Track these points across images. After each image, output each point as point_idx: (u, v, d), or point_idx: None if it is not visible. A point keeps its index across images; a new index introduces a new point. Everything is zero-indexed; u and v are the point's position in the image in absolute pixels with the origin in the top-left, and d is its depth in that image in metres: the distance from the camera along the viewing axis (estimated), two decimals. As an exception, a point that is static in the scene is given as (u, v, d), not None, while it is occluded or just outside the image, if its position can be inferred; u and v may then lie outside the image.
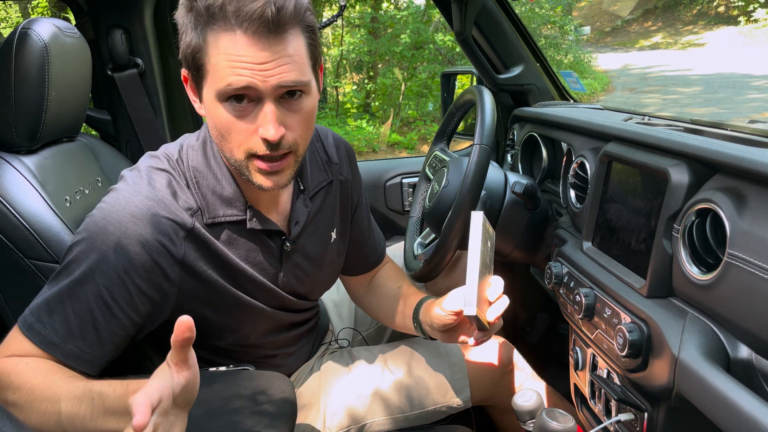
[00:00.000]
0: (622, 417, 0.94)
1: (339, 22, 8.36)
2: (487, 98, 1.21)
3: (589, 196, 1.09)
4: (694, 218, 0.80)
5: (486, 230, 0.96)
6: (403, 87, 8.08)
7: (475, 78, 1.92)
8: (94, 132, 1.76)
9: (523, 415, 0.95)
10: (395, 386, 1.20)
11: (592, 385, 1.05)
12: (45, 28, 1.12)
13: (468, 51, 1.71)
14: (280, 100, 0.85)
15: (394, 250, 1.56)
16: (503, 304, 0.96)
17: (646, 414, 0.89)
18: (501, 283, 0.97)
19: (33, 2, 7.12)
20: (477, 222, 0.93)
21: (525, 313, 1.91)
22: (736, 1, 14.84)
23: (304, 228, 1.07)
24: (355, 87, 9.03)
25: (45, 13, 7.07)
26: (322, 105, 8.47)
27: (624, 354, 0.84)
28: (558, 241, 1.20)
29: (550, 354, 1.82)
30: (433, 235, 1.41)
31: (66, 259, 0.90)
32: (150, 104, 1.69)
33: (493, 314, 0.95)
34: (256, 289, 1.03)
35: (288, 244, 1.05)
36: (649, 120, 1.22)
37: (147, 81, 1.68)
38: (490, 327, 0.96)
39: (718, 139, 0.89)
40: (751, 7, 14.13)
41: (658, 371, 0.81)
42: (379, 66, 8.55)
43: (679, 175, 0.84)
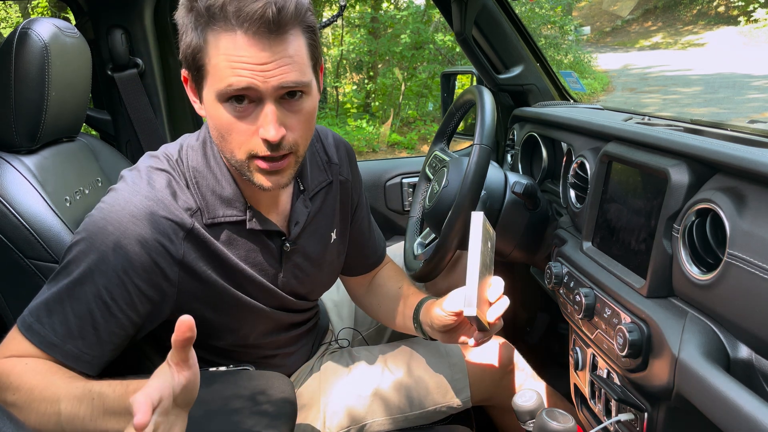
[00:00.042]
0: (622, 417, 0.94)
1: (339, 22, 8.36)
2: (487, 98, 1.21)
3: (589, 196, 1.09)
4: (694, 218, 0.80)
5: (486, 230, 0.96)
6: (403, 87, 8.08)
7: (475, 78, 1.92)
8: (94, 132, 1.76)
9: (523, 415, 0.95)
10: (395, 386, 1.20)
11: (592, 385, 1.05)
12: (45, 28, 1.12)
13: (468, 51, 1.71)
14: (281, 100, 0.85)
15: (394, 250, 1.56)
16: (503, 304, 0.96)
17: (646, 414, 0.89)
18: (501, 283, 0.97)
19: (33, 2, 7.12)
20: (477, 222, 0.93)
21: (525, 313, 1.91)
22: (736, 1, 14.83)
23: (303, 228, 1.07)
24: (355, 87, 9.03)
25: (45, 13, 7.07)
26: (322, 105, 8.46)
27: (624, 354, 0.84)
28: (558, 241, 1.20)
29: (550, 354, 1.82)
30: (433, 235, 1.40)
31: (65, 260, 0.90)
32: (150, 104, 1.69)
33: (494, 315, 0.95)
34: (255, 289, 1.03)
35: (288, 244, 1.05)
36: (649, 120, 1.22)
37: (147, 81, 1.68)
38: (490, 327, 0.96)
39: (718, 139, 0.89)
40: (751, 7, 14.13)
41: (658, 371, 0.81)
42: (379, 66, 8.55)
43: (679, 175, 0.84)
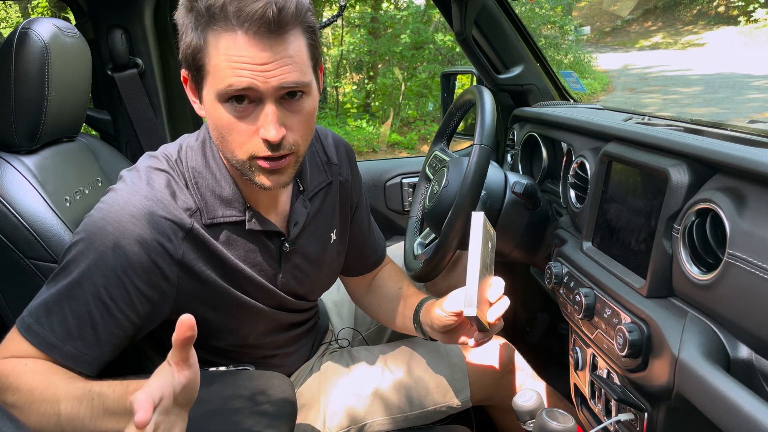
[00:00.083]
0: (622, 417, 0.94)
1: (339, 22, 8.36)
2: (487, 98, 1.21)
3: (589, 196, 1.09)
4: (694, 218, 0.80)
5: (486, 231, 0.96)
6: (403, 87, 8.08)
7: (475, 78, 1.92)
8: (94, 132, 1.76)
9: (523, 415, 0.95)
10: (395, 386, 1.20)
11: (592, 385, 1.05)
12: (45, 28, 1.12)
13: (468, 51, 1.71)
14: (281, 100, 0.85)
15: (394, 250, 1.56)
16: (504, 305, 0.96)
17: (646, 414, 0.89)
18: (502, 284, 0.97)
19: (33, 2, 7.12)
20: (477, 222, 0.93)
21: (525, 313, 1.91)
22: (736, 1, 14.83)
23: (303, 229, 1.07)
24: (355, 87, 9.03)
25: (45, 13, 7.07)
26: (322, 105, 8.46)
27: (624, 354, 0.84)
28: (558, 241, 1.20)
29: (550, 354, 1.82)
30: (433, 235, 1.40)
31: (64, 260, 0.89)
32: (150, 104, 1.69)
33: (494, 315, 0.95)
34: (254, 289, 1.03)
35: (287, 245, 1.05)
36: (649, 120, 1.22)
37: (147, 81, 1.68)
38: (490, 328, 0.96)
39: (718, 139, 0.89)
40: (751, 7, 14.13)
41: (658, 371, 0.80)
42: (379, 66, 8.55)
43: (679, 175, 0.84)
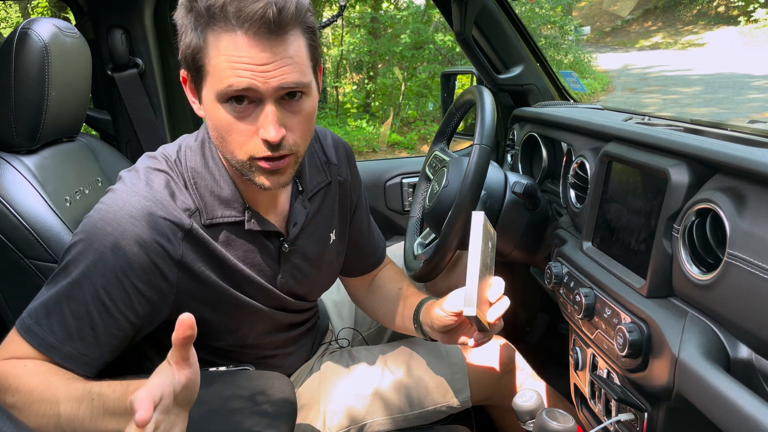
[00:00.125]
0: (622, 417, 0.94)
1: (339, 22, 8.36)
2: (487, 98, 1.21)
3: (589, 196, 1.09)
4: (694, 218, 0.80)
5: (487, 230, 0.96)
6: (403, 87, 8.07)
7: (475, 78, 1.92)
8: (94, 132, 1.76)
9: (523, 415, 0.95)
10: (395, 386, 1.20)
11: (592, 385, 1.05)
12: (45, 28, 1.12)
13: (468, 51, 1.71)
14: (281, 101, 0.85)
15: (394, 250, 1.56)
16: (504, 305, 0.96)
17: (646, 414, 0.89)
18: (502, 284, 0.97)
19: (33, 2, 7.12)
20: (478, 222, 0.93)
21: (525, 313, 1.91)
22: (736, 1, 14.83)
23: (302, 229, 1.07)
24: (355, 87, 9.03)
25: (45, 13, 7.07)
26: (322, 105, 8.46)
27: (624, 354, 0.84)
28: (558, 241, 1.20)
29: (550, 354, 1.82)
30: (433, 235, 1.40)
31: (64, 261, 0.89)
32: (150, 104, 1.69)
33: (494, 315, 0.95)
34: (254, 289, 1.03)
35: (286, 245, 1.05)
36: (649, 120, 1.22)
37: (147, 81, 1.68)
38: (490, 328, 0.95)
39: (718, 139, 0.89)
40: (751, 7, 14.13)
41: (658, 371, 0.80)
42: (379, 66, 8.55)
43: (679, 175, 0.84)
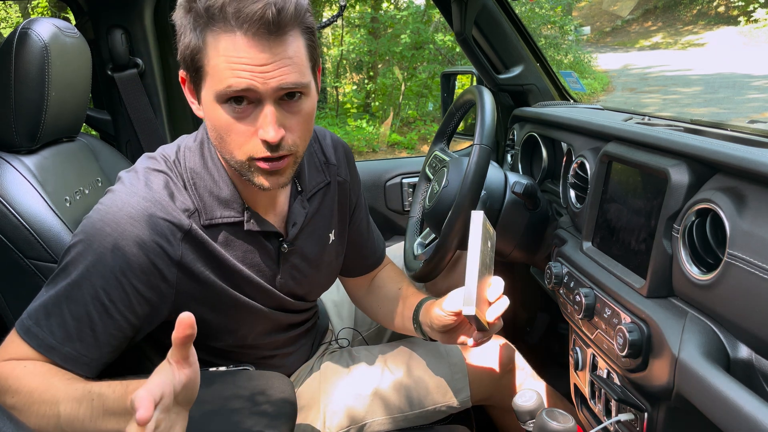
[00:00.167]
0: (622, 417, 0.94)
1: (339, 22, 8.36)
2: (487, 98, 1.21)
3: (589, 196, 1.09)
4: (694, 218, 0.80)
5: (486, 230, 0.96)
6: (403, 87, 8.07)
7: (475, 78, 1.92)
8: (94, 132, 1.76)
9: (523, 415, 0.95)
10: (395, 386, 1.20)
11: (592, 385, 1.05)
12: (45, 28, 1.12)
13: (468, 51, 1.71)
14: (280, 101, 0.85)
15: (394, 250, 1.56)
16: (503, 304, 0.96)
17: (646, 414, 0.89)
18: (501, 283, 0.97)
19: (33, 2, 7.12)
20: (477, 221, 0.93)
21: (525, 313, 1.91)
22: (736, 1, 14.83)
23: (301, 229, 1.07)
24: (355, 87, 9.03)
25: (45, 13, 7.07)
26: (322, 105, 8.46)
27: (624, 354, 0.84)
28: (558, 241, 1.20)
29: (550, 354, 1.82)
30: (433, 235, 1.40)
31: (63, 261, 0.89)
32: (150, 104, 1.69)
33: (493, 314, 0.94)
34: (253, 290, 1.03)
35: (285, 245, 1.05)
36: (649, 120, 1.22)
37: (147, 81, 1.68)
38: (489, 327, 0.95)
39: (718, 139, 0.89)
40: (751, 7, 14.13)
41: (658, 371, 0.80)
42: (379, 66, 8.55)
43: (679, 175, 0.84)
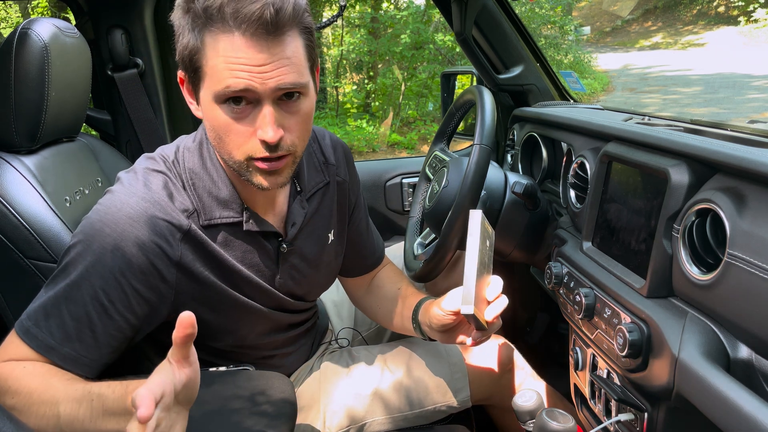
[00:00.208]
0: (622, 417, 0.94)
1: (339, 22, 8.36)
2: (487, 98, 1.21)
3: (589, 196, 1.09)
4: (694, 218, 0.80)
5: (485, 229, 0.96)
6: (403, 87, 8.07)
7: (475, 78, 1.92)
8: (94, 132, 1.76)
9: (523, 415, 0.95)
10: (395, 386, 1.20)
11: (592, 385, 1.05)
12: (45, 28, 1.12)
13: (468, 51, 1.71)
14: (278, 102, 0.85)
15: (394, 250, 1.56)
16: (502, 303, 0.95)
17: (646, 414, 0.89)
18: (500, 282, 0.97)
19: (33, 2, 7.12)
20: (475, 220, 0.93)
21: (525, 313, 1.91)
22: (736, 1, 14.83)
23: (300, 229, 1.07)
24: (355, 87, 9.03)
25: (45, 13, 7.07)
26: (322, 105, 8.47)
27: (624, 354, 0.84)
28: (558, 241, 1.20)
29: (550, 354, 1.82)
30: (433, 235, 1.40)
31: (62, 262, 0.89)
32: (150, 104, 1.69)
33: (492, 314, 0.94)
34: (252, 290, 1.03)
35: (284, 245, 1.05)
36: (649, 120, 1.22)
37: (147, 81, 1.69)
38: (488, 327, 0.95)
39: (718, 139, 0.89)
40: (751, 7, 14.13)
41: (658, 371, 0.80)
42: (379, 66, 8.55)
43: (679, 175, 0.84)
